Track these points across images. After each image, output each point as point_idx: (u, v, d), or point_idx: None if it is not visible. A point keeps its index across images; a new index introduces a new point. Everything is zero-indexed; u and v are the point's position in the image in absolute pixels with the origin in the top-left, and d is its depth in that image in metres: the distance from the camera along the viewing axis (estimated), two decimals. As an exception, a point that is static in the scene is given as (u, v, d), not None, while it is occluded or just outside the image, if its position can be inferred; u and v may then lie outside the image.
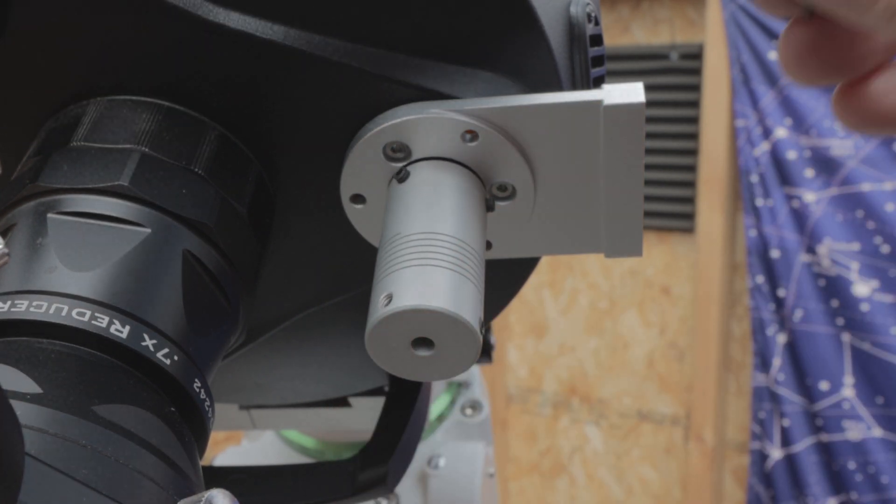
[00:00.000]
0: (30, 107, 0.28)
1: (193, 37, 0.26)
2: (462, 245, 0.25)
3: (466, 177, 0.27)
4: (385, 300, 0.23)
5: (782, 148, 1.64)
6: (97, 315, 0.22)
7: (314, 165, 0.29)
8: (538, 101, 0.26)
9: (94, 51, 0.27)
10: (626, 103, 0.26)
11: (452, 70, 0.27)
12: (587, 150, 0.27)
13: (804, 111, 1.60)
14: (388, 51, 0.27)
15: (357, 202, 0.28)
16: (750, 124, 1.67)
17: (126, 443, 0.20)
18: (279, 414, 0.44)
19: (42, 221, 0.24)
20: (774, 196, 1.67)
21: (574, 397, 2.07)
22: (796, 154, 1.63)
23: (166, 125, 0.27)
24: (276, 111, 0.27)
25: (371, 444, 0.36)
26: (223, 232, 0.26)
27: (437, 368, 0.24)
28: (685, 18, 1.83)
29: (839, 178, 1.58)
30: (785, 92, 1.62)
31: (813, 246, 1.64)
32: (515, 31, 0.27)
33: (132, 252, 0.24)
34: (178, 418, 0.23)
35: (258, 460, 0.55)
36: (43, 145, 0.27)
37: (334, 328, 0.34)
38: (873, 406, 1.63)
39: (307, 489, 0.34)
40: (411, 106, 0.27)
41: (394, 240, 0.25)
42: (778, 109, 1.63)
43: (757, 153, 1.68)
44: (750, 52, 1.65)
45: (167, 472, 0.20)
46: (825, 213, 1.61)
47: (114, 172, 0.25)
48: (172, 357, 0.23)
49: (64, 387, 0.20)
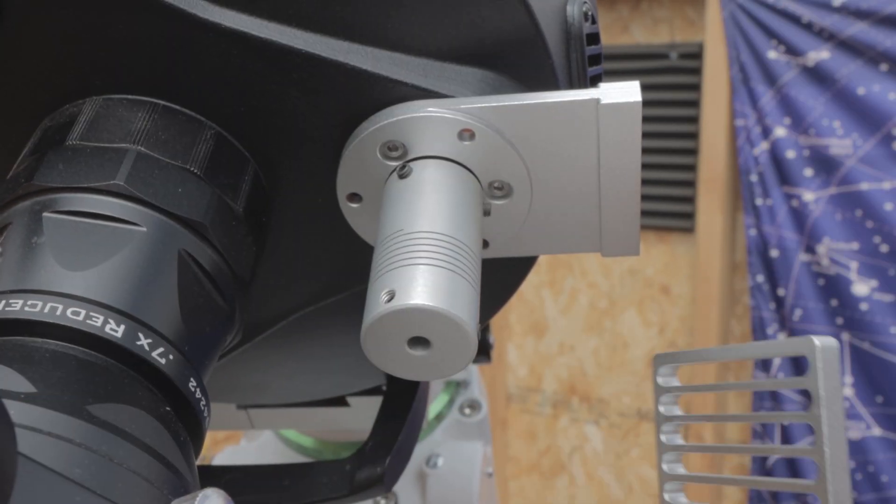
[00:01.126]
0: (26, 105, 0.28)
1: (189, 35, 0.26)
2: (459, 244, 0.24)
3: (463, 175, 0.27)
4: (386, 296, 0.23)
5: (781, 147, 1.64)
6: (92, 314, 0.22)
7: (311, 164, 0.29)
8: (535, 100, 0.26)
9: (90, 49, 0.27)
10: (622, 102, 0.26)
11: (449, 69, 0.27)
12: (584, 149, 0.27)
13: (803, 110, 1.60)
14: (384, 49, 0.27)
15: (353, 201, 0.28)
16: (749, 124, 1.67)
17: (120, 442, 0.20)
18: (277, 413, 0.44)
19: (37, 220, 0.24)
20: (774, 195, 1.66)
21: (574, 397, 2.07)
22: (795, 153, 1.63)
23: (162, 124, 0.27)
24: (273, 110, 0.27)
25: (368, 444, 0.36)
26: (219, 231, 0.26)
27: (433, 368, 0.24)
28: (684, 18, 1.82)
29: (838, 178, 1.58)
30: (784, 91, 1.62)
31: (812, 245, 1.64)
32: (512, 30, 0.27)
33: (128, 251, 0.24)
34: (173, 418, 0.22)
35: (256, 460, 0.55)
36: (39, 144, 0.27)
37: (331, 327, 0.34)
38: (873, 405, 1.63)
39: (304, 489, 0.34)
40: (408, 105, 0.27)
41: (392, 237, 0.25)
42: (777, 109, 1.63)
43: (756, 152, 1.68)
44: (749, 51, 1.65)
45: (161, 472, 0.20)
46: (824, 213, 1.61)
47: (109, 171, 0.25)
48: (167, 356, 0.23)
49: (58, 386, 0.20)
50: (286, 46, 0.26)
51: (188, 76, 0.27)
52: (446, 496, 0.53)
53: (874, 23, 1.50)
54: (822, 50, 1.56)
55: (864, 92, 1.52)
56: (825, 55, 1.56)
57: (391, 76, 0.26)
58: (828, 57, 1.56)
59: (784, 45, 1.60)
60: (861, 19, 1.51)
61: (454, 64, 0.27)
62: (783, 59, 1.61)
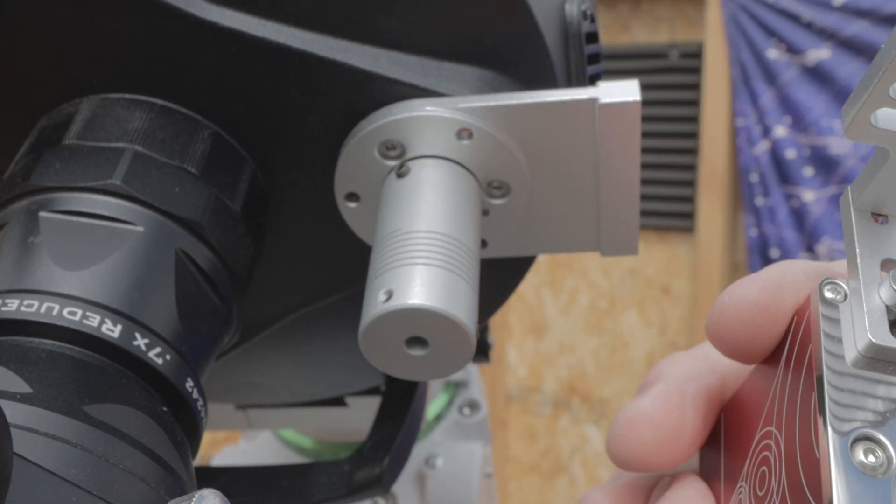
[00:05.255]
0: (22, 105, 0.28)
1: (186, 34, 0.26)
2: (457, 244, 0.24)
3: (462, 175, 0.27)
4: (384, 296, 0.23)
5: (781, 147, 1.64)
6: (88, 314, 0.22)
7: (308, 163, 0.28)
8: (533, 100, 0.26)
9: (87, 48, 0.27)
10: (621, 101, 0.26)
11: (447, 67, 0.27)
12: (583, 149, 0.27)
13: (803, 110, 1.60)
14: (382, 48, 0.27)
15: (351, 200, 0.28)
16: (749, 123, 1.67)
17: (117, 443, 0.20)
18: (275, 414, 0.43)
19: (34, 220, 0.24)
20: (774, 195, 1.66)
21: (574, 397, 2.07)
22: (795, 153, 1.63)
23: (159, 123, 0.26)
24: (270, 109, 0.27)
25: (367, 444, 0.36)
26: (216, 231, 0.26)
27: (431, 368, 0.24)
28: (685, 17, 1.82)
29: (838, 177, 1.58)
30: (784, 90, 1.62)
31: (812, 245, 1.64)
32: (511, 29, 0.27)
33: (125, 251, 0.24)
34: (170, 418, 0.22)
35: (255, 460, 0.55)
36: (35, 143, 0.27)
37: (330, 327, 0.34)
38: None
39: (302, 489, 0.34)
40: (406, 104, 0.27)
41: (390, 237, 0.25)
42: (777, 108, 1.63)
43: (756, 152, 1.67)
44: (749, 50, 1.65)
45: (158, 472, 0.20)
46: (824, 212, 1.61)
47: (106, 171, 0.25)
48: (164, 356, 0.23)
49: (54, 386, 0.20)
50: (284, 45, 0.26)
51: (185, 75, 0.27)
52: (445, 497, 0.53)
53: (874, 22, 1.50)
54: (822, 49, 1.56)
55: (865, 91, 1.51)
56: (825, 54, 1.56)
57: (389, 75, 0.26)
58: (828, 56, 1.56)
59: (784, 45, 1.60)
60: (861, 18, 1.51)
61: (452, 63, 0.27)
62: (783, 59, 1.61)
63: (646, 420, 0.20)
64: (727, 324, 0.19)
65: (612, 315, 1.99)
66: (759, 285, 0.19)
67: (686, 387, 0.21)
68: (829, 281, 0.18)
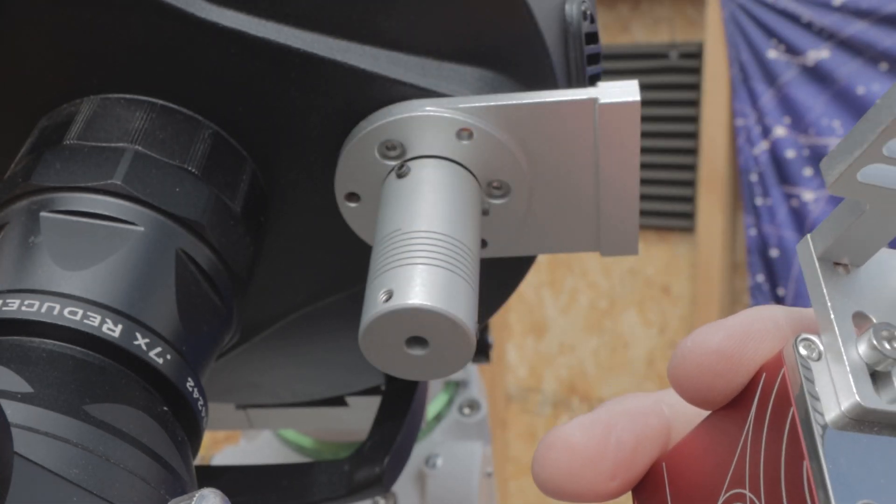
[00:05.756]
0: (23, 105, 0.28)
1: (187, 34, 0.26)
2: (457, 244, 0.24)
3: (462, 175, 0.27)
4: (384, 296, 0.23)
5: (781, 147, 1.64)
6: (89, 314, 0.22)
7: (308, 163, 0.28)
8: (533, 100, 0.26)
9: (87, 49, 0.27)
10: (621, 101, 0.26)
11: (447, 67, 0.27)
12: (583, 149, 0.27)
13: (803, 110, 1.60)
14: (382, 48, 0.27)
15: (352, 200, 0.28)
16: (749, 123, 1.67)
17: (117, 442, 0.20)
18: (276, 413, 0.43)
19: (35, 220, 0.24)
20: (773, 195, 1.67)
21: (574, 397, 2.07)
22: (795, 153, 1.63)
23: (160, 123, 0.26)
24: (270, 109, 0.27)
25: (367, 444, 0.36)
26: (217, 231, 0.26)
27: (431, 368, 0.24)
28: (685, 17, 1.82)
29: (838, 177, 1.58)
30: (784, 90, 1.62)
31: (812, 245, 1.64)
32: (511, 29, 0.27)
33: (125, 251, 0.24)
34: (170, 417, 0.22)
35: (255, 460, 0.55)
36: (36, 143, 0.27)
37: (330, 327, 0.34)
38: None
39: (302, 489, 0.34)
40: (406, 104, 0.27)
41: (390, 237, 0.25)
42: (777, 108, 1.63)
43: (756, 152, 1.68)
44: (749, 50, 1.65)
45: (159, 472, 0.20)
46: (824, 212, 1.61)
47: (107, 171, 0.25)
48: (165, 356, 0.23)
49: (55, 386, 0.20)
50: (284, 45, 0.26)
51: (186, 75, 0.27)
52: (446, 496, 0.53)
53: (874, 22, 1.50)
54: (821, 49, 1.56)
55: (864, 91, 1.52)
56: (825, 54, 1.56)
57: (389, 75, 0.26)
58: (828, 56, 1.56)
59: (784, 45, 1.60)
60: (861, 18, 1.51)
61: (452, 63, 0.27)
62: (783, 59, 1.61)
63: (564, 445, 0.20)
64: (688, 368, 0.18)
65: (611, 315, 1.99)
66: (724, 332, 0.18)
67: (617, 420, 0.20)
68: (803, 337, 0.17)
